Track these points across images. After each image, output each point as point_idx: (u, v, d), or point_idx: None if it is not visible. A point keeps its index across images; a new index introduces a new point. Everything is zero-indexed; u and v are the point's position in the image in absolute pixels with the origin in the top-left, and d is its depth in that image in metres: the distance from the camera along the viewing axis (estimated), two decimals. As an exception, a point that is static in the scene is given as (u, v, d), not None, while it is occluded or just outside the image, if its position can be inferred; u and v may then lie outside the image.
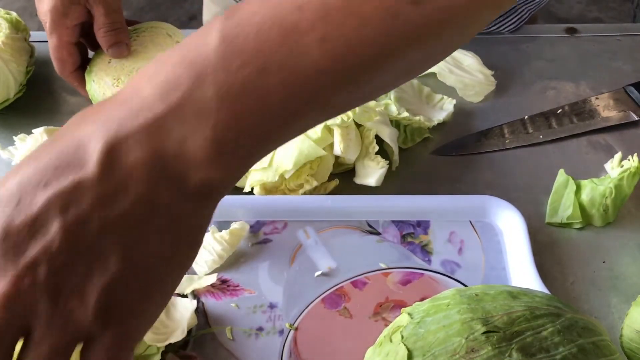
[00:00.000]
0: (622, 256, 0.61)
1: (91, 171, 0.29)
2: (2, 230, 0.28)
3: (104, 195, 0.29)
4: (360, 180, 0.64)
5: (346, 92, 0.34)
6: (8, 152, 0.72)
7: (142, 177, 0.30)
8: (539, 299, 0.42)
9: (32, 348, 0.29)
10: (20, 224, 0.28)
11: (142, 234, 0.31)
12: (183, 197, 0.32)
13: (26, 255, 0.28)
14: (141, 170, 0.30)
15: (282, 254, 0.61)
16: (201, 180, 0.32)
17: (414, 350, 0.40)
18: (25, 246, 0.28)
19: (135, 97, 0.31)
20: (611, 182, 0.62)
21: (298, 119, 0.33)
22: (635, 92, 0.74)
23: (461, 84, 0.75)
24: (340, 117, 0.59)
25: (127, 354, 0.31)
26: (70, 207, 0.29)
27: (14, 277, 0.28)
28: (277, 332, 0.56)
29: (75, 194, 0.29)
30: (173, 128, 0.30)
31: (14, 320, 0.28)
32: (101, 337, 0.30)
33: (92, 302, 0.29)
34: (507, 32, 0.85)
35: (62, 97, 0.79)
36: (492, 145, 0.71)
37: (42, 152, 0.31)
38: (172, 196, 0.31)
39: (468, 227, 0.63)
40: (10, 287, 0.28)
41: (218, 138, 0.31)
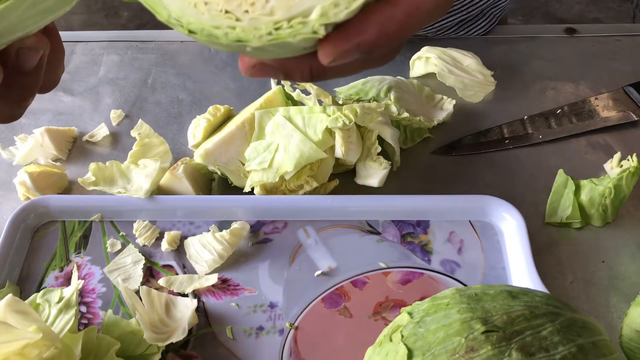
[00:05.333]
0: (621, 256, 0.61)
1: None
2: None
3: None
4: (361, 180, 0.64)
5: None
6: (9, 152, 0.72)
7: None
8: (539, 298, 0.43)
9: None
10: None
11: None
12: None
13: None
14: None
15: (282, 253, 0.61)
16: None
17: (413, 350, 0.40)
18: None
19: None
20: (610, 182, 0.62)
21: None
22: (634, 92, 0.74)
23: (461, 84, 0.75)
24: (342, 120, 0.59)
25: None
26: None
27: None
28: (278, 332, 0.56)
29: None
30: None
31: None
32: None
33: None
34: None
35: (62, 97, 0.80)
36: (491, 145, 0.71)
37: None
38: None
39: (468, 226, 0.63)
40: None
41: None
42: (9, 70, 0.38)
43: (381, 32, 0.33)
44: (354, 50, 0.33)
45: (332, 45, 0.32)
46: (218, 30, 0.32)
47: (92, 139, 0.74)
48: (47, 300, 0.54)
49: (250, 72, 0.36)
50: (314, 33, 0.31)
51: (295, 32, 0.31)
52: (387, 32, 0.33)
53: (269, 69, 0.36)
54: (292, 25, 0.31)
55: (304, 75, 0.36)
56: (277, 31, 0.31)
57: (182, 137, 0.73)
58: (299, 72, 0.36)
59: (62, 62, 0.43)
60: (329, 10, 0.31)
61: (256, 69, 0.36)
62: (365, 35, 0.32)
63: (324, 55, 0.33)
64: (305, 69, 0.36)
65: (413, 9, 0.33)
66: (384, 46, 0.34)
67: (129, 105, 0.78)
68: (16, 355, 0.44)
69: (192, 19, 0.32)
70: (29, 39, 0.37)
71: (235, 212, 0.64)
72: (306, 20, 0.31)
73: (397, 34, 0.33)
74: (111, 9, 2.12)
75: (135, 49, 0.86)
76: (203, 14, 0.32)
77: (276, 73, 0.36)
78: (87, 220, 0.65)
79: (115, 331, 0.54)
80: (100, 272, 0.61)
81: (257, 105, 0.65)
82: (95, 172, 0.65)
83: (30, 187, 0.66)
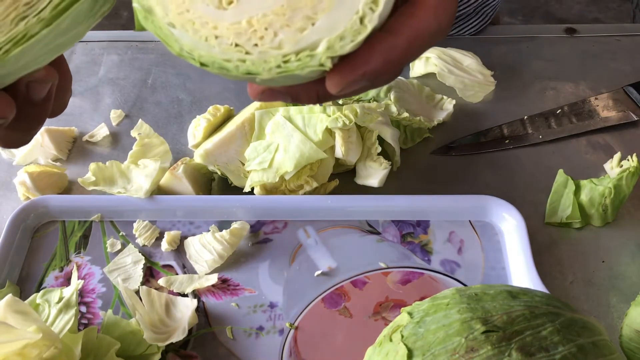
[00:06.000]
0: (621, 256, 0.61)
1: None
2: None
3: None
4: (362, 180, 0.64)
5: None
6: (9, 152, 0.72)
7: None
8: (539, 298, 0.43)
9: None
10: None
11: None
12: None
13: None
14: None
15: (282, 253, 0.61)
16: None
17: (413, 350, 0.40)
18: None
19: None
20: (610, 182, 0.62)
21: None
22: (634, 92, 0.74)
23: (461, 84, 0.75)
24: (342, 121, 0.60)
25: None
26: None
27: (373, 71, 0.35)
28: (278, 332, 0.56)
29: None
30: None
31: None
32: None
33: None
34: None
35: (63, 97, 0.80)
36: (491, 145, 0.71)
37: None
38: None
39: (468, 226, 0.63)
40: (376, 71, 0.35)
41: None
42: (20, 102, 0.38)
43: (385, 60, 0.34)
44: (360, 79, 0.34)
45: (340, 76, 0.34)
46: (229, 63, 0.33)
47: (92, 139, 0.74)
48: (47, 300, 0.54)
49: (260, 98, 0.38)
50: (321, 65, 0.32)
51: (303, 65, 0.32)
52: (391, 60, 0.34)
53: (278, 94, 0.37)
54: (300, 59, 0.32)
55: (311, 99, 0.38)
56: (285, 64, 0.32)
57: (182, 137, 0.73)
58: (306, 96, 0.37)
59: (69, 88, 0.44)
60: (335, 43, 0.32)
61: (265, 95, 0.37)
62: (371, 65, 0.34)
63: (332, 86, 0.34)
64: (312, 94, 0.37)
65: (414, 37, 0.34)
66: (389, 73, 0.35)
67: (129, 105, 0.78)
68: (16, 355, 0.44)
69: (203, 53, 0.33)
70: (39, 72, 0.37)
71: (235, 212, 0.64)
72: (313, 54, 0.32)
73: (400, 61, 0.35)
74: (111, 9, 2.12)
75: (135, 49, 0.86)
76: (214, 48, 0.33)
77: (284, 97, 0.38)
78: (87, 220, 0.65)
79: (115, 331, 0.54)
80: (100, 272, 0.61)
81: (257, 105, 0.65)
82: (95, 172, 0.65)
83: (30, 187, 0.66)
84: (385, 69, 0.34)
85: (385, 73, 0.35)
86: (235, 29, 0.33)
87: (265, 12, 0.32)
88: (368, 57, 0.33)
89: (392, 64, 0.34)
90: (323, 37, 0.32)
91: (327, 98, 0.38)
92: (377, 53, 0.34)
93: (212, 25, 0.33)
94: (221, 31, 0.33)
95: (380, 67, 0.34)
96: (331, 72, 0.34)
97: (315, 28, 0.32)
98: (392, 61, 0.34)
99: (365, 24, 0.32)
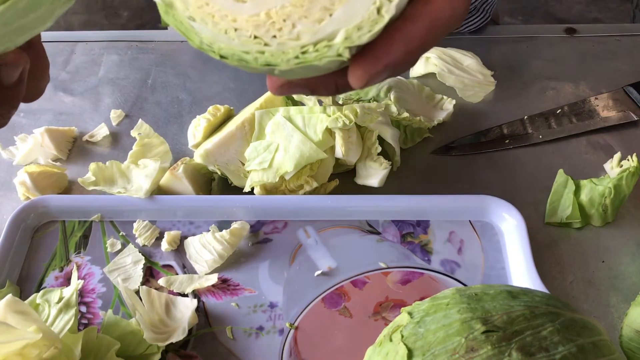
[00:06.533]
0: (621, 256, 0.61)
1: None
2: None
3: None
4: (362, 180, 0.64)
5: None
6: (9, 152, 0.72)
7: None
8: (539, 298, 0.43)
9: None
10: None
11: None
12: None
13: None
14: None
15: (282, 253, 0.61)
16: None
17: (413, 350, 0.40)
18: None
19: None
20: (610, 182, 0.62)
21: None
22: (634, 92, 0.74)
23: (461, 84, 0.75)
24: (342, 121, 0.60)
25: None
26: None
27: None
28: (278, 332, 0.56)
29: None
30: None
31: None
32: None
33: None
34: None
35: (62, 97, 0.80)
36: (491, 145, 0.71)
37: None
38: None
39: (468, 226, 0.63)
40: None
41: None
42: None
43: (406, 50, 0.34)
44: (383, 71, 0.34)
45: (362, 69, 0.34)
46: (248, 55, 0.34)
47: (92, 139, 0.74)
48: (47, 300, 0.54)
49: (279, 91, 0.38)
50: (338, 56, 0.33)
51: (321, 55, 0.33)
52: (411, 49, 0.34)
53: (297, 87, 0.38)
54: (318, 49, 0.33)
55: (329, 91, 0.38)
56: (303, 55, 0.33)
57: (182, 137, 0.73)
58: (325, 88, 0.38)
59: (46, 74, 0.45)
60: (353, 33, 0.33)
61: (284, 88, 0.38)
62: (392, 56, 0.34)
63: (356, 80, 0.34)
64: (330, 86, 0.37)
65: (432, 23, 0.34)
66: (410, 62, 0.35)
67: (129, 105, 0.78)
68: (16, 356, 0.44)
69: (223, 45, 0.34)
70: (8, 56, 0.38)
71: (235, 212, 0.64)
72: (331, 44, 0.33)
73: (420, 49, 0.35)
74: (111, 9, 2.12)
75: (135, 49, 0.86)
76: (233, 40, 0.34)
77: (303, 90, 0.38)
78: (87, 220, 0.65)
79: (115, 331, 0.54)
80: (100, 272, 0.61)
81: (257, 105, 0.65)
82: (95, 172, 0.65)
83: (30, 187, 0.66)
84: (406, 58, 0.34)
85: (406, 62, 0.35)
86: (253, 21, 0.33)
87: (283, 3, 0.33)
88: (389, 48, 0.34)
89: (412, 53, 0.34)
90: (341, 28, 0.33)
91: (346, 89, 0.38)
92: (397, 43, 0.34)
93: (231, 17, 0.33)
94: (240, 23, 0.33)
95: (401, 57, 0.34)
96: (353, 66, 0.34)
97: (333, 19, 0.33)
98: (412, 50, 0.34)
99: (383, 14, 0.33)
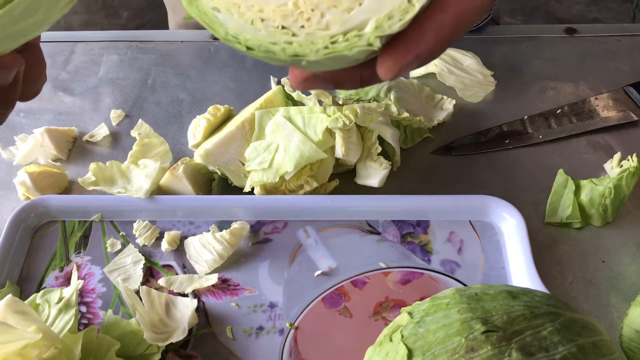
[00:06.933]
0: (621, 256, 0.61)
1: None
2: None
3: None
4: (362, 180, 0.64)
5: None
6: (9, 152, 0.72)
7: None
8: (539, 298, 0.43)
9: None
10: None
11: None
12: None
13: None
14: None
15: (282, 253, 0.61)
16: None
17: (413, 350, 0.40)
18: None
19: None
20: (610, 182, 0.62)
21: None
22: (634, 92, 0.74)
23: (461, 84, 0.75)
24: (342, 121, 0.59)
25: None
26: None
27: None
28: (278, 332, 0.56)
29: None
30: None
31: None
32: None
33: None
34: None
35: (62, 97, 0.80)
36: (491, 145, 0.71)
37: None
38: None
39: (468, 226, 0.63)
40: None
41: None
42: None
43: (437, 39, 0.33)
44: (414, 61, 0.34)
45: (393, 59, 0.33)
46: (275, 46, 0.33)
47: (92, 139, 0.74)
48: (46, 300, 0.54)
49: (303, 85, 0.37)
50: (369, 45, 0.32)
51: (351, 45, 0.32)
52: (442, 38, 0.34)
53: (321, 80, 0.37)
54: (347, 39, 0.32)
55: (354, 84, 0.37)
56: (333, 45, 0.32)
57: (182, 137, 0.73)
58: (350, 81, 0.37)
59: (43, 75, 0.45)
60: (384, 22, 0.32)
61: (308, 82, 0.37)
62: (423, 46, 0.33)
63: (386, 71, 0.33)
64: (355, 79, 0.37)
65: (462, 11, 0.34)
66: (439, 52, 0.35)
67: (129, 105, 0.78)
68: (16, 356, 0.44)
69: (249, 36, 0.33)
70: (3, 59, 0.38)
71: (235, 212, 0.64)
72: (361, 33, 0.32)
73: (450, 38, 0.34)
74: (111, 9, 2.12)
75: (135, 49, 0.86)
76: (260, 31, 0.33)
77: (327, 84, 0.37)
78: (87, 220, 0.65)
79: (115, 331, 0.54)
80: (100, 272, 0.61)
81: (257, 105, 0.65)
82: (95, 172, 0.65)
83: (30, 187, 0.66)
84: (437, 47, 0.34)
85: (436, 52, 0.34)
86: (281, 11, 0.32)
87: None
88: (420, 37, 0.33)
89: (442, 43, 0.34)
90: (371, 17, 0.32)
91: (371, 82, 0.37)
92: (428, 32, 0.33)
93: (258, 8, 0.33)
94: (267, 14, 0.33)
95: (432, 47, 0.33)
96: (383, 56, 0.33)
97: (363, 8, 0.32)
98: (442, 39, 0.34)
99: (414, 2, 0.32)
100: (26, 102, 0.67)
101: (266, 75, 0.81)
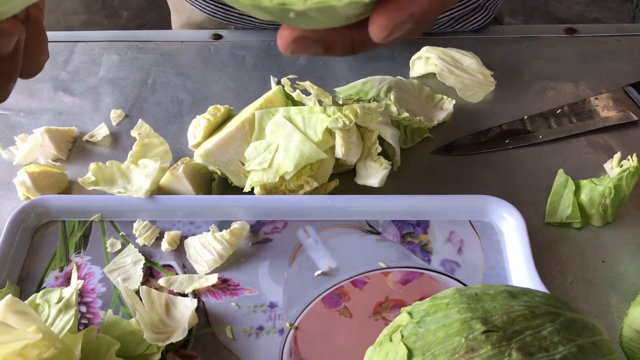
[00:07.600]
0: (621, 256, 0.61)
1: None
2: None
3: None
4: (362, 181, 0.64)
5: None
6: (9, 152, 0.72)
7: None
8: (539, 298, 0.43)
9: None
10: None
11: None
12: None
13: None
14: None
15: (282, 253, 0.61)
16: None
17: (413, 350, 0.40)
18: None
19: None
20: (610, 182, 0.62)
21: None
22: (634, 92, 0.74)
23: (461, 84, 0.75)
24: (342, 121, 0.59)
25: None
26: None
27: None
28: (278, 332, 0.56)
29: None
30: None
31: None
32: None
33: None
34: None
35: (62, 97, 0.80)
36: (491, 145, 0.71)
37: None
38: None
39: (468, 226, 0.63)
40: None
41: None
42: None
43: (431, 0, 0.32)
44: (407, 20, 0.32)
45: (386, 17, 0.31)
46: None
47: (92, 139, 0.74)
48: (46, 300, 0.54)
49: (292, 48, 0.35)
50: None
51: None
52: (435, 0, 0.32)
53: (310, 42, 0.34)
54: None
55: (345, 48, 0.35)
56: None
57: (182, 137, 0.73)
58: (341, 44, 0.35)
59: (45, 49, 0.44)
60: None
61: (297, 44, 0.34)
62: (418, 3, 0.31)
63: (378, 29, 0.32)
64: (346, 41, 0.35)
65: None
66: (435, 13, 0.33)
67: (129, 105, 0.78)
68: (16, 356, 0.44)
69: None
70: (3, 25, 0.37)
71: (235, 212, 0.64)
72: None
73: (443, 2, 0.33)
74: (111, 9, 2.12)
75: (135, 49, 0.86)
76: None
77: (317, 47, 0.35)
78: (87, 220, 0.65)
79: (115, 331, 0.54)
80: (100, 272, 0.61)
81: (257, 105, 0.65)
82: (95, 172, 0.65)
83: (30, 187, 0.66)
84: (430, 8, 0.32)
85: (429, 14, 0.32)
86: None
87: None
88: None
89: (435, 5, 0.32)
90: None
91: (363, 47, 0.35)
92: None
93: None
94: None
95: (426, 7, 0.31)
96: (376, 13, 0.31)
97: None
98: (435, 1, 0.32)
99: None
100: (26, 102, 0.67)
101: (266, 75, 0.81)
